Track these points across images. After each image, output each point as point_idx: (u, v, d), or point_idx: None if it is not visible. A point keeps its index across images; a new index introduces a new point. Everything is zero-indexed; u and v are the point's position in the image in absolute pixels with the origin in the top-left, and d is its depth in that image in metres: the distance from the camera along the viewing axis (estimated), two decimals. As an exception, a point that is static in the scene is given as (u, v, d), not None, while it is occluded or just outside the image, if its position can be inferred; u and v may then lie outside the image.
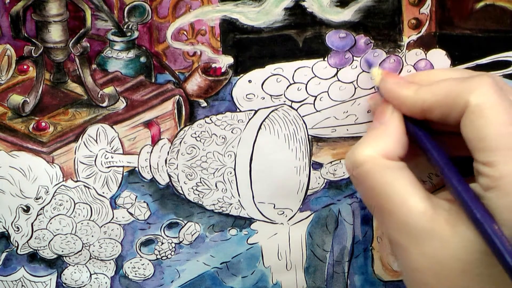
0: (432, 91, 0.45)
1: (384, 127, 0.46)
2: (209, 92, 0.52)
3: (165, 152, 0.53)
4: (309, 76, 0.52)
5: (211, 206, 0.53)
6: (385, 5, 0.50)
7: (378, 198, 0.44)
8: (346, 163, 0.46)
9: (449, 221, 0.43)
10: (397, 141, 0.46)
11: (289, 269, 0.55)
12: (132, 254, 0.55)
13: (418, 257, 0.43)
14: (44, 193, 0.53)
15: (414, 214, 0.43)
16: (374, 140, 0.46)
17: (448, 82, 0.44)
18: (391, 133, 0.46)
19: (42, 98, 0.52)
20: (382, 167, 0.44)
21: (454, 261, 0.42)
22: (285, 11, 0.50)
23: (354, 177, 0.46)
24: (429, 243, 0.43)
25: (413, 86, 0.46)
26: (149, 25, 0.51)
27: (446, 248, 0.42)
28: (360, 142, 0.46)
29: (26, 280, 0.54)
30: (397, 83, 0.47)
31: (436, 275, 0.43)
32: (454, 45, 0.52)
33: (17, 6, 0.50)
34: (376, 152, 0.45)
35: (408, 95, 0.46)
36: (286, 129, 0.53)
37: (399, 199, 0.44)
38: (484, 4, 0.51)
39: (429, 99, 0.44)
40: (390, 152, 0.45)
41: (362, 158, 0.45)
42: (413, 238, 0.43)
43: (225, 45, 0.51)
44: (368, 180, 0.45)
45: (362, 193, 0.46)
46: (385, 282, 0.56)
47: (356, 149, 0.45)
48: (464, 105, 0.42)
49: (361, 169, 0.45)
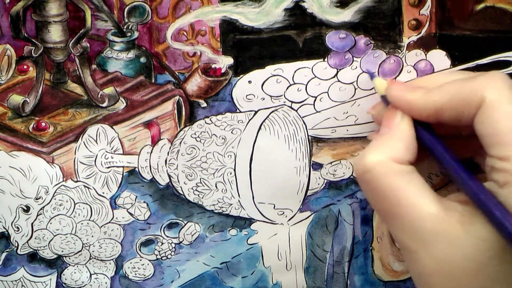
0: (443, 92, 0.45)
1: (394, 132, 0.46)
2: (209, 93, 0.52)
3: (165, 152, 0.53)
4: (309, 76, 0.52)
5: (211, 206, 0.53)
6: (385, 5, 0.50)
7: (389, 202, 0.44)
8: (355, 168, 0.46)
9: (462, 222, 0.43)
10: (407, 145, 0.46)
11: (289, 269, 0.55)
12: (132, 254, 0.55)
13: (429, 261, 0.43)
14: (44, 193, 0.53)
15: (426, 217, 0.43)
16: (384, 145, 0.46)
17: (457, 81, 0.45)
18: (401, 138, 0.46)
19: (42, 98, 0.52)
20: (393, 172, 0.44)
21: (467, 262, 0.42)
22: (285, 12, 0.50)
23: (364, 182, 0.46)
24: (441, 246, 0.43)
25: (420, 90, 0.46)
26: (149, 25, 0.51)
27: (459, 249, 0.42)
28: (369, 147, 0.46)
29: (26, 280, 0.55)
30: (404, 89, 0.47)
31: (449, 277, 0.43)
32: (454, 46, 0.52)
33: (17, 6, 0.50)
34: (386, 157, 0.45)
35: (418, 98, 0.46)
36: (286, 129, 0.53)
37: (410, 203, 0.43)
38: (484, 6, 0.51)
39: (440, 99, 0.45)
40: (400, 156, 0.45)
41: (372, 163, 0.45)
42: (425, 242, 0.43)
43: (225, 46, 0.51)
44: (379, 185, 0.44)
45: (372, 198, 0.46)
46: (385, 282, 0.56)
47: (365, 154, 0.45)
48: (479, 101, 0.43)
49: (371, 174, 0.45)
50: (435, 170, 0.52)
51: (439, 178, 0.52)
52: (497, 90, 0.43)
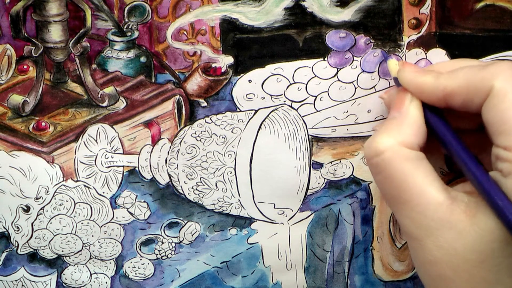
0: (454, 77, 0.45)
1: (404, 116, 0.46)
2: (209, 92, 0.52)
3: (165, 151, 0.53)
4: (309, 76, 0.52)
5: (211, 205, 0.53)
6: (385, 5, 0.50)
7: (396, 187, 0.44)
8: (365, 151, 0.46)
9: (467, 212, 0.43)
10: (416, 130, 0.46)
11: (289, 269, 0.55)
12: (132, 253, 0.55)
13: (433, 249, 0.43)
14: (44, 193, 0.53)
15: (432, 204, 0.43)
16: (394, 129, 0.46)
17: (469, 68, 0.45)
18: (411, 122, 0.46)
19: (42, 98, 0.52)
20: (402, 157, 0.44)
21: (471, 252, 0.42)
22: (285, 11, 0.50)
23: (373, 165, 0.46)
24: (446, 234, 0.43)
25: (432, 73, 0.46)
26: (149, 25, 0.51)
27: (463, 239, 0.42)
28: (380, 131, 0.46)
29: (26, 280, 0.54)
30: (416, 71, 0.47)
31: (452, 266, 0.43)
32: (454, 45, 0.52)
33: (17, 6, 0.50)
34: (396, 141, 0.45)
35: (428, 81, 0.46)
36: (286, 129, 0.53)
37: (417, 189, 0.44)
38: (484, 4, 0.51)
39: (451, 84, 0.45)
40: (410, 141, 0.45)
41: (383, 147, 0.45)
42: (430, 230, 0.43)
43: (225, 45, 0.51)
44: (388, 169, 0.45)
45: (380, 182, 0.46)
46: (385, 282, 0.56)
47: (376, 138, 0.45)
48: (488, 89, 0.43)
49: (381, 157, 0.45)
50: (436, 169, 0.52)
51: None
52: (506, 80, 0.43)
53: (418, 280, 0.55)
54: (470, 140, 0.47)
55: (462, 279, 0.43)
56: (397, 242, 0.56)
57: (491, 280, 0.42)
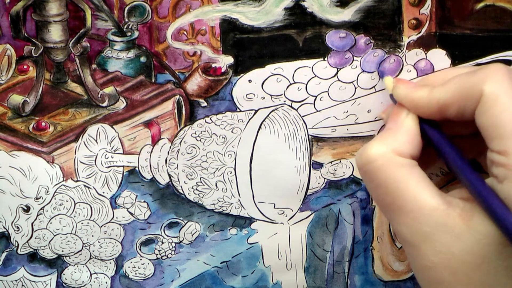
0: (446, 88, 0.45)
1: (399, 126, 0.46)
2: (209, 92, 0.52)
3: (165, 151, 0.53)
4: (309, 76, 0.52)
5: (211, 205, 0.54)
6: (385, 5, 0.50)
7: (389, 194, 0.44)
8: (357, 159, 0.46)
9: (463, 216, 0.43)
10: (410, 139, 0.46)
11: (289, 268, 0.55)
12: (132, 253, 0.55)
13: (430, 254, 0.43)
14: (44, 193, 0.53)
15: (427, 209, 0.43)
16: (388, 138, 0.46)
17: (459, 76, 0.45)
18: (405, 132, 0.46)
19: (42, 98, 0.52)
20: (394, 164, 0.44)
21: (468, 256, 0.42)
22: (285, 11, 0.50)
23: (365, 173, 0.46)
24: (442, 239, 0.43)
25: (426, 88, 0.46)
26: (149, 25, 0.51)
27: (460, 242, 0.42)
28: (373, 140, 0.46)
29: (26, 280, 0.55)
30: (410, 87, 0.47)
31: (451, 270, 0.43)
32: (454, 45, 0.52)
33: (17, 6, 0.50)
34: (388, 149, 0.45)
35: (422, 96, 0.46)
36: (286, 129, 0.53)
37: (411, 195, 0.44)
38: (484, 5, 0.51)
39: (444, 96, 0.45)
40: (403, 149, 0.45)
41: (375, 154, 0.45)
42: (425, 235, 0.43)
43: (225, 45, 0.51)
44: (380, 176, 0.45)
45: (373, 189, 0.46)
46: (385, 282, 0.56)
47: (368, 146, 0.46)
48: (479, 94, 0.43)
49: (373, 165, 0.45)
50: (436, 169, 0.52)
51: (439, 178, 0.52)
52: (496, 83, 0.42)
53: (418, 280, 0.55)
54: (468, 145, 0.47)
55: (461, 282, 0.43)
56: (397, 242, 0.56)
57: (490, 283, 0.42)
